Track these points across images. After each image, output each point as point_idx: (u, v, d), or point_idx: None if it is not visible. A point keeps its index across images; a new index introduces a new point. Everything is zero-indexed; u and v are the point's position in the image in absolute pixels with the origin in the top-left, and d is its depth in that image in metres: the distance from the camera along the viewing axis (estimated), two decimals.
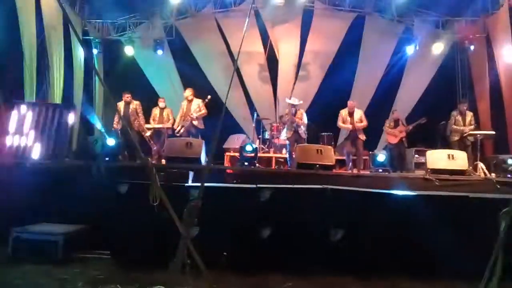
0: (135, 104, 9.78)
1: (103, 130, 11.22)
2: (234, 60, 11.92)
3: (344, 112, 9.32)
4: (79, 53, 11.63)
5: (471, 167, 7.85)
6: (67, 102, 10.53)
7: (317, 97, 12.56)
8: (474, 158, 8.40)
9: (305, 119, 9.26)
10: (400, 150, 10.08)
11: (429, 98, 12.03)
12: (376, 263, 4.68)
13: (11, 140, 7.25)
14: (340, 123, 9.33)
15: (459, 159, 7.21)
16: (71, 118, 8.15)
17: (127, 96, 9.73)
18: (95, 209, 5.43)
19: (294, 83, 12.90)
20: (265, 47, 12.85)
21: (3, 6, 8.38)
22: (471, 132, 9.02)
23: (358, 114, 9.33)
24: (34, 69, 9.57)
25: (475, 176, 7.54)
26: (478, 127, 9.66)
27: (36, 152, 7.34)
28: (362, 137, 9.25)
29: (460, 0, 11.54)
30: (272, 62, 13.04)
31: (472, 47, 11.81)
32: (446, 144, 9.40)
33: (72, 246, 5.22)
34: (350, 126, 9.16)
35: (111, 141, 7.87)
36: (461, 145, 9.06)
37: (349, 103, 9.46)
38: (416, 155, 10.47)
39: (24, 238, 5.12)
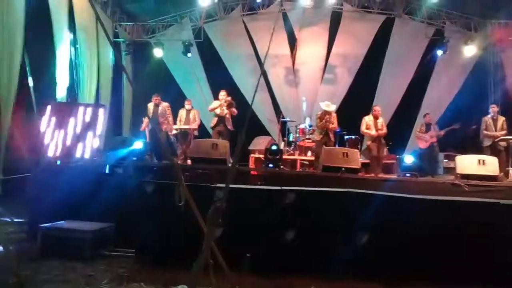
0: (164, 106, 9.90)
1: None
2: (261, 63, 11.94)
3: (368, 118, 9.19)
4: (109, 54, 11.86)
5: (502, 173, 7.62)
6: (96, 103, 10.75)
7: (344, 100, 12.45)
8: (506, 164, 8.16)
9: (336, 123, 9.19)
10: (432, 154, 9.87)
11: (460, 103, 11.74)
12: (401, 269, 4.59)
13: (48, 139, 7.41)
14: (363, 129, 9.19)
15: (490, 165, 7.02)
16: (101, 118, 8.30)
17: (156, 98, 9.87)
18: (121, 207, 5.54)
19: (320, 86, 12.82)
20: (292, 50, 12.83)
21: (37, 7, 8.61)
22: (502, 137, 8.77)
23: (381, 120, 9.22)
24: (67, 69, 9.82)
25: (506, 182, 7.33)
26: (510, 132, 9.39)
27: (70, 152, 7.49)
28: (383, 141, 9.20)
29: (493, 2, 11.24)
30: (298, 65, 13.00)
31: (506, 50, 11.48)
32: (477, 149, 9.16)
33: (99, 243, 5.33)
34: (374, 133, 9.02)
35: (138, 144, 7.99)
36: (493, 150, 8.81)
37: (377, 108, 9.31)
38: (446, 160, 10.23)
39: (52, 235, 5.24)
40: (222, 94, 9.67)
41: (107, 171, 7.27)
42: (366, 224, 4.78)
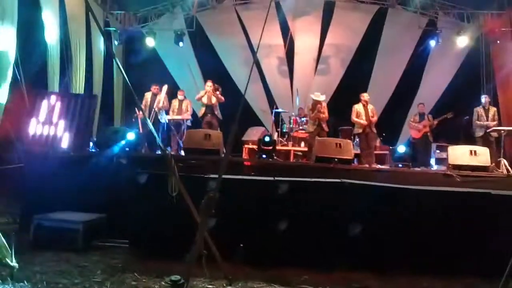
0: (163, 97, 9.88)
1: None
2: (254, 53, 11.88)
3: (358, 106, 9.20)
4: (100, 44, 11.73)
5: (493, 164, 7.69)
6: (88, 92, 10.64)
7: (337, 90, 12.45)
8: (497, 155, 8.23)
9: (327, 113, 9.21)
10: (424, 145, 9.92)
11: (452, 93, 11.82)
12: (395, 258, 4.62)
13: (40, 129, 7.34)
14: (354, 117, 9.20)
15: (481, 155, 7.08)
16: (93, 108, 8.24)
17: (155, 88, 9.85)
18: (114, 198, 5.53)
19: (314, 76, 12.80)
20: (285, 40, 12.79)
21: None
22: (494, 128, 8.83)
23: (371, 107, 9.23)
24: (58, 59, 9.70)
25: (497, 172, 7.39)
26: (501, 122, 9.47)
27: (64, 142, 7.43)
28: (374, 130, 9.20)
29: None
30: (291, 55, 12.96)
31: (497, 41, 11.52)
32: (469, 140, 9.23)
33: (92, 234, 5.32)
34: (365, 122, 9.02)
35: (131, 135, 7.94)
36: (485, 141, 8.89)
37: (364, 95, 9.33)
38: (438, 151, 10.30)
39: (45, 226, 5.22)
40: (209, 84, 9.72)
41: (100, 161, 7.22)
42: (359, 215, 4.81)
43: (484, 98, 9.44)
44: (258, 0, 12.70)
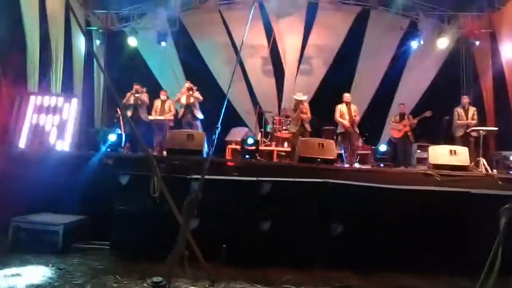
0: (144, 95, 9.83)
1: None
2: (237, 52, 11.87)
3: (341, 106, 9.28)
4: (81, 43, 11.57)
5: (473, 163, 7.82)
6: (67, 93, 10.47)
7: (320, 90, 12.52)
8: (476, 154, 8.36)
9: (309, 113, 9.27)
10: (405, 145, 10.04)
11: (433, 93, 11.99)
12: (376, 258, 4.67)
13: (18, 131, 7.23)
14: (337, 117, 9.28)
15: (461, 155, 7.19)
16: (73, 109, 8.14)
17: (137, 88, 9.79)
18: (95, 200, 5.45)
19: (296, 77, 12.85)
20: (268, 41, 12.81)
21: None
22: (474, 128, 8.98)
23: (354, 107, 9.32)
24: (37, 59, 9.54)
25: (477, 172, 7.51)
26: (481, 122, 9.63)
27: (49, 142, 7.33)
28: (357, 130, 9.31)
29: None
30: (275, 55, 12.99)
31: (477, 43, 11.74)
32: (449, 139, 9.37)
33: (72, 236, 5.24)
34: (347, 124, 9.11)
35: (112, 137, 7.87)
36: (465, 141, 9.03)
37: (346, 95, 9.42)
38: (419, 150, 10.43)
39: (24, 228, 5.12)
40: (186, 85, 9.77)
41: (81, 162, 7.13)
42: (342, 214, 4.84)
43: (463, 99, 9.59)
44: (242, 1, 12.69)
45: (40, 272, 4.24)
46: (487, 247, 3.20)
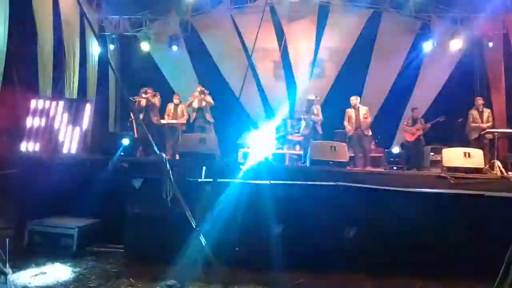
0: (156, 99, 9.88)
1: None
2: (248, 56, 11.89)
3: (350, 110, 9.26)
4: (94, 48, 11.70)
5: (487, 166, 7.72)
6: (82, 98, 10.60)
7: (332, 93, 12.47)
8: (491, 157, 8.25)
9: (321, 115, 9.26)
10: (418, 148, 9.96)
11: (446, 96, 11.85)
12: (390, 261, 4.64)
13: (33, 136, 7.32)
14: (344, 122, 9.29)
15: (475, 157, 7.09)
16: (88, 113, 8.21)
17: (149, 92, 9.84)
18: (109, 203, 5.50)
19: (309, 79, 12.84)
20: (279, 44, 12.82)
21: (20, 1, 8.44)
22: (489, 130, 8.87)
23: (364, 110, 9.27)
24: (51, 65, 9.67)
25: (491, 174, 7.41)
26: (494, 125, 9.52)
27: (65, 148, 7.41)
28: (369, 132, 9.23)
29: None
30: (286, 59, 12.99)
31: (490, 44, 11.60)
32: (463, 142, 9.26)
33: (87, 239, 5.30)
34: (351, 129, 9.10)
35: (126, 141, 7.92)
36: (479, 143, 8.92)
37: (352, 99, 9.39)
38: (432, 153, 10.32)
39: (39, 231, 5.20)
40: (197, 89, 9.81)
41: (95, 166, 7.19)
42: (354, 217, 4.82)
43: (477, 101, 9.49)
44: (253, 5, 12.72)
45: (55, 275, 4.29)
46: (502, 250, 3.17)
